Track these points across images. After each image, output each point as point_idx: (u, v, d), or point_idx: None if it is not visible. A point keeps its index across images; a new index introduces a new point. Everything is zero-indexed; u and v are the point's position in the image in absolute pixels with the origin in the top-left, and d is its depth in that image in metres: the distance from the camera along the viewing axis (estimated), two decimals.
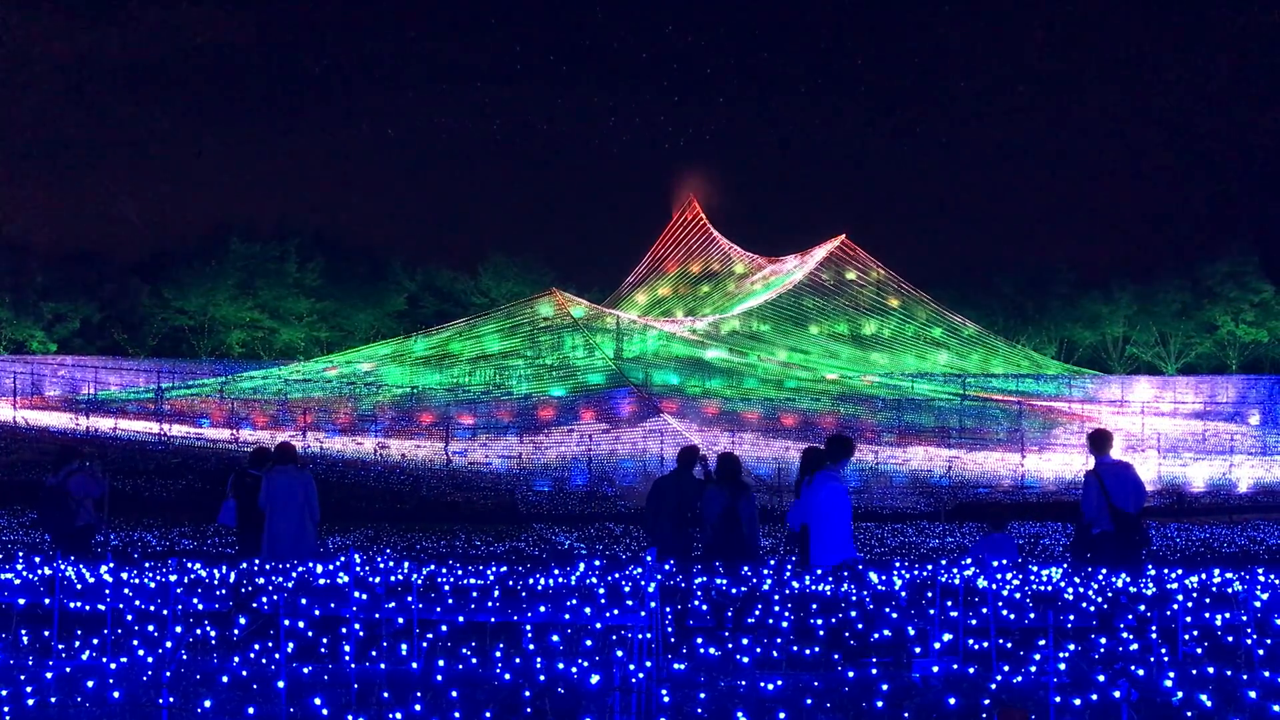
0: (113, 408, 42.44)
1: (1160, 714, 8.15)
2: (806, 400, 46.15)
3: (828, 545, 10.08)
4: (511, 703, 8.23)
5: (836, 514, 10.07)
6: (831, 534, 10.06)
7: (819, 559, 10.07)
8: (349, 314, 61.73)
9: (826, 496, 10.06)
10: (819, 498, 10.12)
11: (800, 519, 10.54)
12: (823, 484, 10.16)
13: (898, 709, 8.23)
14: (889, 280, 57.99)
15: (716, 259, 61.81)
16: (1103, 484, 11.00)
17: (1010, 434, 44.11)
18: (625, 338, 53.36)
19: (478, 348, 49.21)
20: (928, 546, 21.96)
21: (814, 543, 10.19)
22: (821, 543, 10.12)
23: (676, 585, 10.24)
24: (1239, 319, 60.26)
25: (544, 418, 43.01)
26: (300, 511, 12.33)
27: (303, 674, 9.19)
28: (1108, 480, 11.00)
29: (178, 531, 22.74)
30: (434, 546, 20.78)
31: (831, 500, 10.06)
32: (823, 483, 10.17)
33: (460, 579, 10.10)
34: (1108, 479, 11.00)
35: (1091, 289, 62.83)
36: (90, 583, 9.91)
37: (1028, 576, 10.18)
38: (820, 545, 10.13)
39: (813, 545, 10.20)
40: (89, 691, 8.56)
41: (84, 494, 13.96)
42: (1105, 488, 10.97)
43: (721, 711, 8.19)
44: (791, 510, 10.91)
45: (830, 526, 10.07)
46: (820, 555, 10.08)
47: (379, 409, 44.17)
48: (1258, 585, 9.38)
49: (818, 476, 10.31)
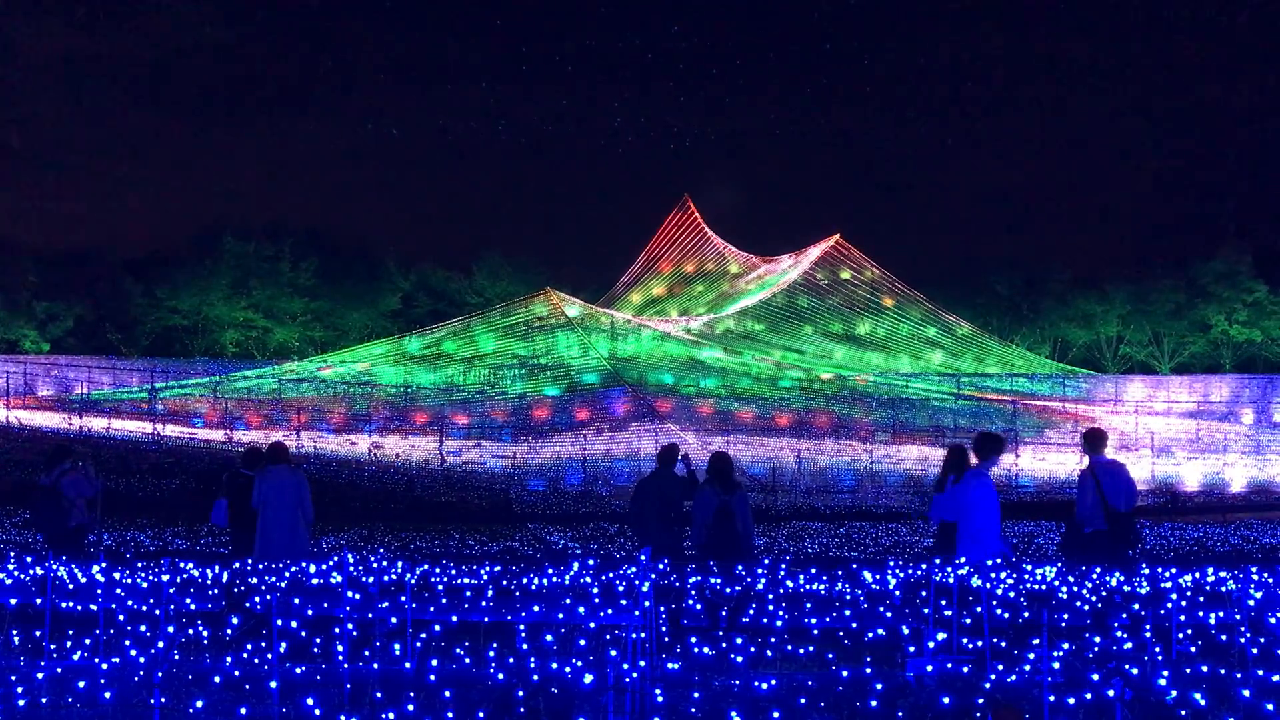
0: (106, 407, 42.33)
1: (1154, 712, 8.15)
2: (801, 400, 46.15)
3: (979, 541, 10.33)
4: (505, 702, 8.21)
5: (986, 510, 10.36)
6: (982, 529, 10.33)
7: (969, 554, 10.27)
8: (343, 313, 61.64)
9: (978, 494, 10.34)
10: (970, 495, 10.39)
11: (947, 514, 10.66)
12: (973, 481, 10.44)
13: (892, 708, 8.23)
14: (883, 279, 57.98)
15: (711, 258, 61.77)
16: (1098, 483, 11.00)
17: (1004, 433, 44.10)
18: (620, 337, 53.32)
19: (472, 347, 49.15)
20: (922, 546, 21.98)
21: (964, 538, 10.44)
22: (972, 538, 10.38)
23: (670, 585, 10.23)
24: (1232, 318, 60.36)
25: (538, 417, 42.97)
26: (293, 511, 12.30)
27: (295, 674, 9.17)
28: (1103, 479, 11.01)
29: (171, 531, 22.70)
30: (428, 546, 20.75)
31: (982, 497, 10.34)
32: (973, 480, 10.45)
33: (454, 579, 10.08)
34: (1103, 478, 11.01)
35: (1086, 288, 62.90)
36: (82, 583, 9.88)
37: (1021, 575, 10.18)
38: (971, 541, 10.38)
39: (962, 540, 10.44)
40: (80, 692, 8.54)
41: (77, 494, 13.91)
42: (1101, 486, 10.98)
43: (715, 711, 8.17)
44: (935, 505, 11.03)
45: (980, 522, 10.35)
46: (971, 550, 10.30)
47: (373, 408, 44.08)
48: (1251, 584, 9.39)
49: (967, 474, 10.56)
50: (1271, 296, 60.01)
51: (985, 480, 10.40)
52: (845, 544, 22.51)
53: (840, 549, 21.41)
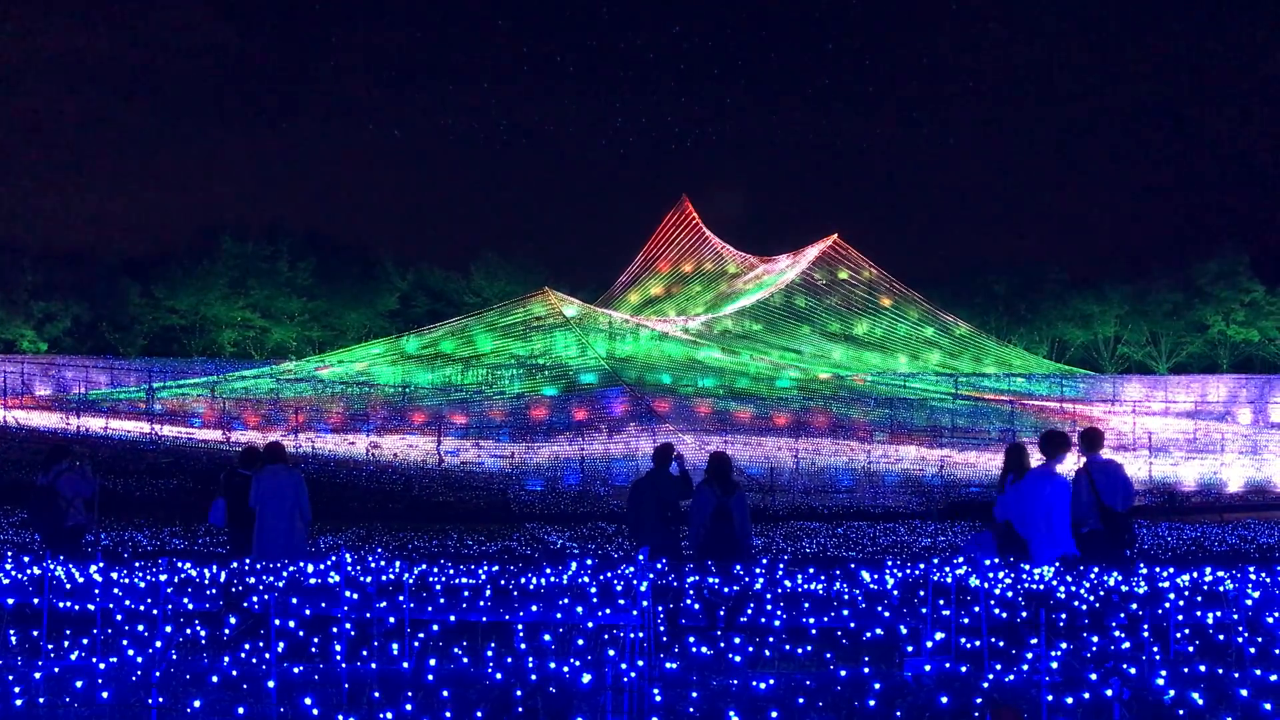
0: (103, 407, 42.28)
1: (1152, 712, 8.15)
2: (799, 400, 46.14)
3: (1051, 539, 10.33)
4: (503, 702, 8.21)
5: (1058, 509, 10.35)
6: (1056, 527, 10.33)
7: (1040, 553, 10.29)
8: (341, 313, 61.62)
9: (1050, 492, 10.34)
10: (1041, 493, 10.38)
11: (1011, 514, 10.65)
12: (1043, 480, 10.42)
13: (890, 708, 8.23)
14: (881, 279, 58.01)
15: (709, 258, 61.77)
16: (1093, 482, 11.02)
17: (1002, 433, 44.15)
18: (618, 337, 53.30)
19: (470, 347, 49.12)
20: (919, 545, 21.97)
21: (1035, 537, 10.40)
22: (1045, 537, 10.37)
23: (668, 584, 10.22)
24: (1230, 318, 60.44)
25: (536, 417, 42.94)
26: (291, 511, 12.29)
27: (293, 674, 9.16)
28: (1098, 478, 11.02)
29: (168, 531, 22.68)
30: (426, 546, 20.74)
31: (1054, 495, 10.34)
32: (1043, 478, 10.43)
33: (452, 578, 10.07)
34: (1098, 477, 11.02)
35: (1083, 288, 62.97)
36: (80, 582, 9.87)
37: (1019, 575, 10.18)
38: (1042, 540, 10.37)
39: (1034, 539, 10.41)
40: (78, 692, 8.53)
41: (74, 494, 13.90)
42: (1095, 486, 10.99)
43: (714, 710, 8.17)
44: (999, 505, 11.00)
45: (1053, 520, 10.34)
46: (1042, 549, 10.31)
47: (371, 408, 44.04)
48: (1248, 584, 9.39)
49: (1035, 472, 10.55)
50: (1269, 297, 60.09)
51: (1057, 477, 10.43)
52: (843, 544, 22.51)
53: (838, 549, 21.40)
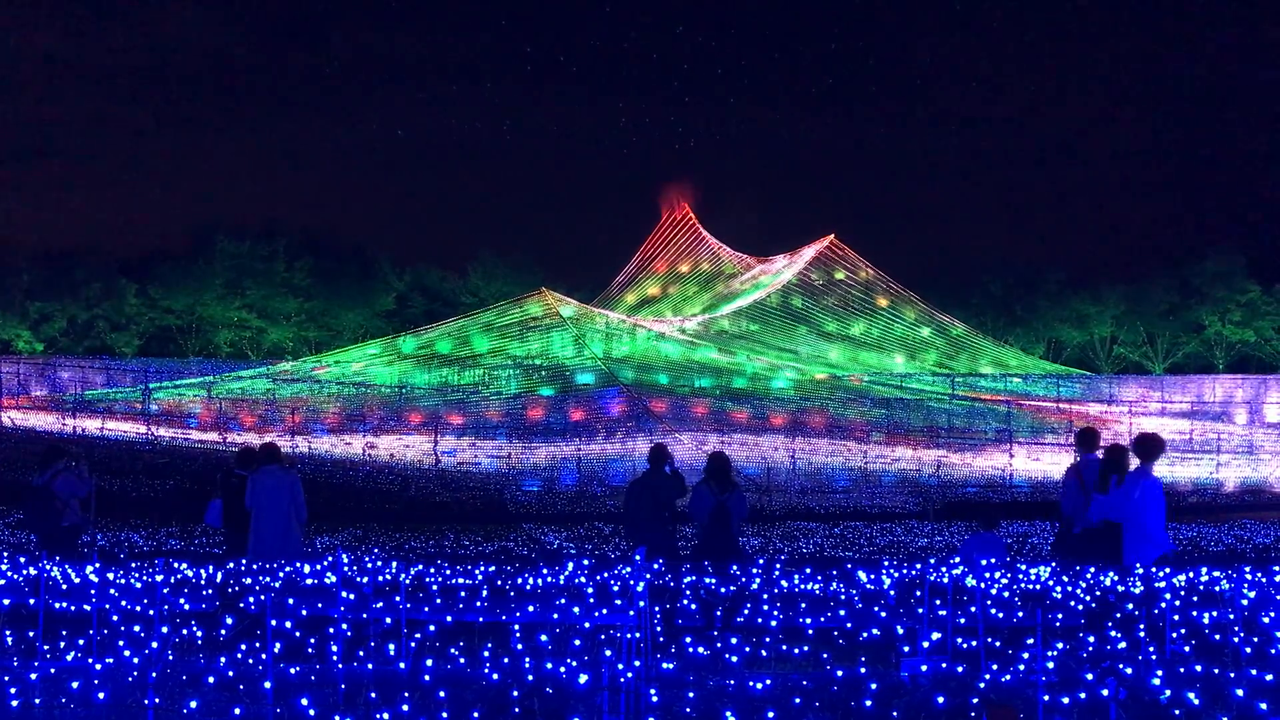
0: (99, 408, 42.23)
1: (1148, 712, 8.16)
2: (795, 400, 46.16)
3: (1150, 540, 10.43)
4: (500, 703, 8.21)
5: (1155, 510, 10.47)
6: (1152, 529, 10.44)
7: (1141, 552, 10.37)
8: (337, 313, 61.54)
9: (1148, 494, 10.45)
10: (1140, 495, 10.46)
11: (1109, 514, 10.72)
12: (1143, 481, 10.51)
13: (886, 708, 8.23)
14: (878, 280, 58.04)
15: (706, 259, 61.78)
16: (1082, 481, 11.05)
17: (998, 433, 44.20)
18: (615, 337, 53.29)
19: (466, 348, 49.09)
20: (916, 545, 21.99)
21: (1132, 537, 10.51)
22: (1143, 538, 10.45)
23: (665, 585, 10.22)
24: (1226, 319, 60.50)
25: (533, 417, 42.93)
26: (287, 511, 12.28)
27: (290, 674, 9.15)
28: (1088, 477, 11.04)
29: (165, 531, 22.66)
30: (422, 546, 20.74)
31: (1153, 496, 10.46)
32: (1142, 480, 10.52)
33: (448, 579, 10.06)
34: (1088, 476, 11.05)
35: (1079, 289, 63.00)
36: (76, 583, 9.85)
37: (1016, 575, 10.19)
38: (1140, 540, 10.46)
39: (1130, 540, 10.51)
40: (74, 693, 8.52)
41: (70, 494, 13.88)
42: (1085, 484, 11.02)
43: (710, 711, 8.17)
44: (1094, 506, 11.03)
45: (1150, 522, 10.45)
46: (1143, 548, 10.40)
47: (367, 409, 44.00)
48: (1245, 584, 9.40)
49: (1134, 474, 10.61)
50: (1265, 297, 60.16)
51: (1155, 480, 10.58)
52: (840, 544, 22.52)
53: (835, 549, 21.42)
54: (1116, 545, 10.56)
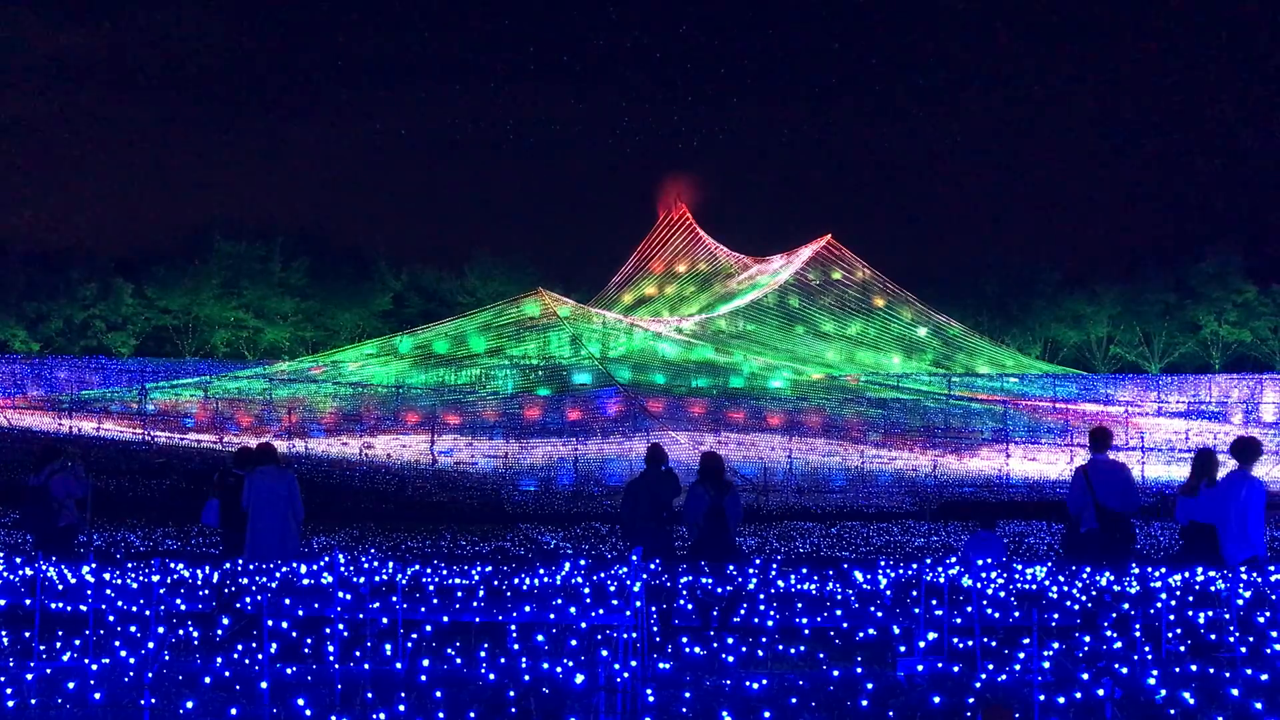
0: (96, 408, 42.19)
1: (1143, 712, 8.17)
2: (792, 399, 46.19)
3: (1245, 541, 10.48)
4: (496, 703, 8.21)
5: (1256, 511, 10.53)
6: (1251, 530, 10.51)
7: (1237, 552, 10.42)
8: (334, 313, 61.55)
9: (1249, 495, 10.50)
10: (1239, 496, 10.51)
11: (1198, 516, 10.78)
12: (1242, 483, 10.56)
13: (882, 708, 8.24)
14: (874, 280, 58.13)
15: (703, 258, 61.83)
16: (1089, 480, 11.05)
17: (995, 433, 44.25)
18: (612, 337, 53.29)
19: (463, 347, 49.08)
20: (913, 545, 22.01)
21: (1229, 538, 10.56)
22: (1240, 538, 10.51)
23: (662, 585, 10.23)
24: (1222, 319, 60.67)
25: (530, 417, 42.93)
26: (284, 512, 12.26)
27: (286, 674, 9.15)
28: (1095, 476, 11.04)
29: (161, 532, 22.63)
30: (419, 546, 20.72)
31: (1253, 498, 10.52)
32: (1242, 481, 10.56)
33: (445, 579, 10.06)
34: (1095, 475, 11.05)
35: (1076, 289, 63.13)
36: (72, 583, 9.84)
37: (1012, 575, 10.20)
38: (1236, 541, 10.51)
39: (1227, 540, 10.55)
40: (70, 693, 8.51)
41: (66, 494, 13.86)
42: (1091, 484, 11.02)
43: (707, 711, 8.17)
44: (1181, 508, 11.07)
45: (1250, 523, 10.51)
46: (1240, 549, 10.46)
47: (364, 409, 43.99)
48: (1240, 584, 9.42)
49: (1232, 475, 10.66)
50: (1261, 297, 60.32)
51: (1255, 481, 10.64)
52: (836, 544, 22.53)
53: (831, 549, 21.43)
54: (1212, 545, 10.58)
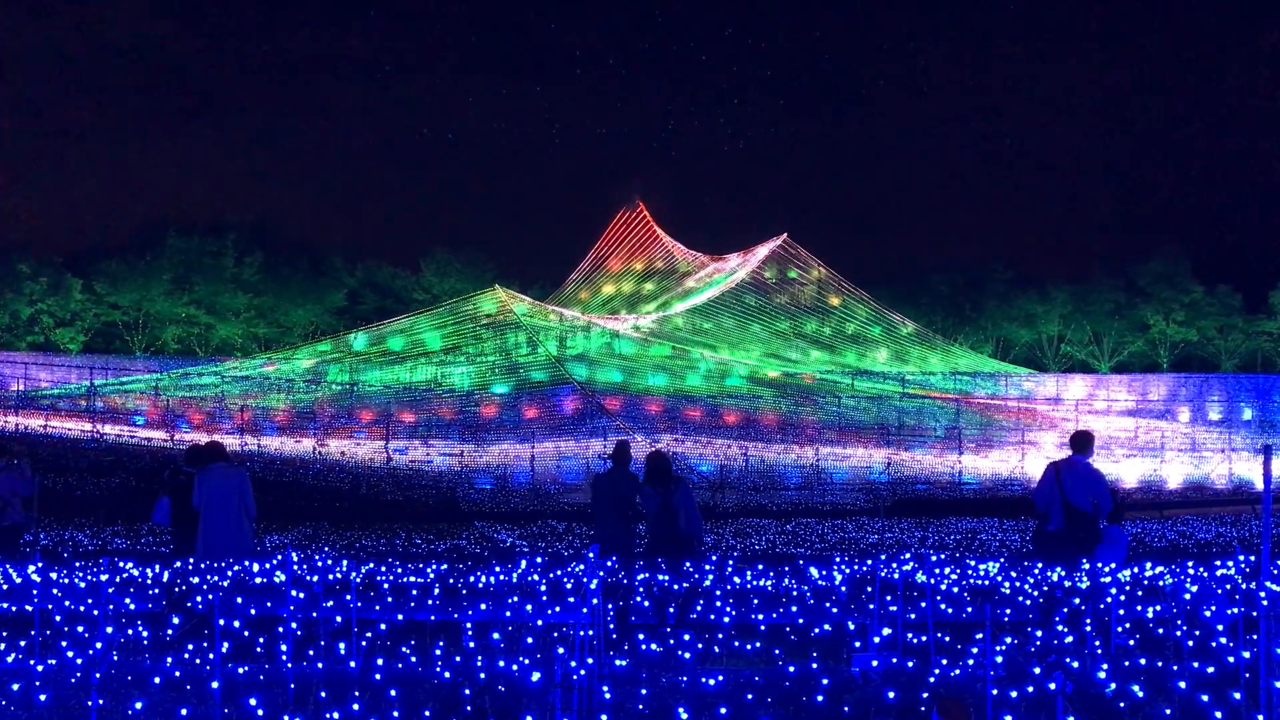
0: (43, 405, 41.47)
1: (1094, 705, 8.29)
2: (748, 398, 46.35)
3: None
4: (451, 701, 8.17)
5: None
6: None
7: None
8: (287, 310, 60.88)
9: None
10: None
11: None
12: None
13: (838, 703, 8.29)
14: (829, 279, 58.49)
15: (660, 257, 61.86)
16: (1059, 477, 11.19)
17: (948, 431, 44.70)
18: (568, 335, 53.18)
19: (419, 345, 48.76)
20: (867, 542, 22.17)
21: None
22: None
23: (618, 582, 10.23)
24: (1170, 318, 61.72)
25: (486, 415, 42.74)
26: (236, 510, 12.12)
27: (238, 674, 9.05)
28: (1066, 475, 11.18)
29: (110, 530, 22.30)
30: (373, 545, 20.57)
31: None
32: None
33: (400, 577, 10.00)
34: (1066, 474, 11.19)
35: (1027, 288, 63.92)
36: (18, 583, 9.68)
37: (965, 572, 10.30)
38: None
39: None
40: (15, 694, 8.36)
41: (12, 493, 13.65)
42: (1061, 481, 11.15)
43: (663, 707, 8.19)
44: None
45: None
46: None
47: (318, 406, 43.57)
48: (1187, 579, 9.58)
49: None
50: (1208, 297, 61.46)
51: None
52: (792, 540, 22.65)
53: (787, 545, 21.53)
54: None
